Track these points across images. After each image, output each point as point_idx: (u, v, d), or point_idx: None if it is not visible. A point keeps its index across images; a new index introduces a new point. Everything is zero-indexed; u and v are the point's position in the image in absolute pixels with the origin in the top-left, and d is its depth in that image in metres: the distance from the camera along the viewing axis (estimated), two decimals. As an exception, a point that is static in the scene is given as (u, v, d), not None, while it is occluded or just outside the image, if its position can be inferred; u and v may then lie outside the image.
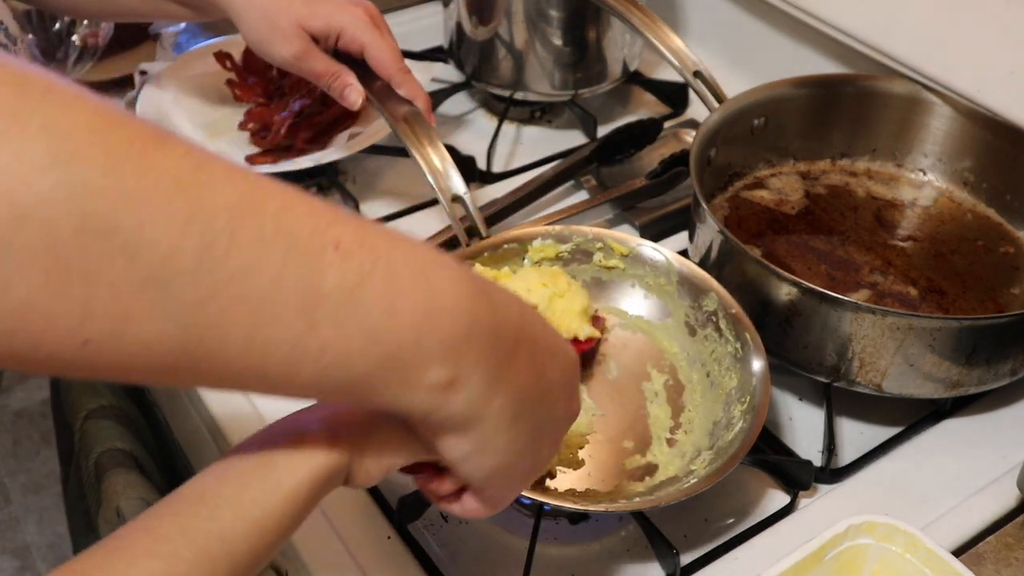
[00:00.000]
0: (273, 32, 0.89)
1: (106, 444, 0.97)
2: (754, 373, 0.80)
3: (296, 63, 0.91)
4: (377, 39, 0.91)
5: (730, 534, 0.78)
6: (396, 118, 0.91)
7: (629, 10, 1.07)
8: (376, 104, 0.93)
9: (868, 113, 1.04)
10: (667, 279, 0.88)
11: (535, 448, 0.54)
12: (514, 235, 0.90)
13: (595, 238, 0.90)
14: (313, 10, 0.90)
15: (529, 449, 0.54)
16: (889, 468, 0.83)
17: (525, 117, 1.24)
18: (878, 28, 1.03)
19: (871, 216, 1.00)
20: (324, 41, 0.92)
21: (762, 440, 0.84)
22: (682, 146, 1.14)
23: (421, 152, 0.90)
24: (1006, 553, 0.74)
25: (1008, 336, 0.80)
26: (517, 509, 0.79)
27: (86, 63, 1.15)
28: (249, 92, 1.12)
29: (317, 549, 0.75)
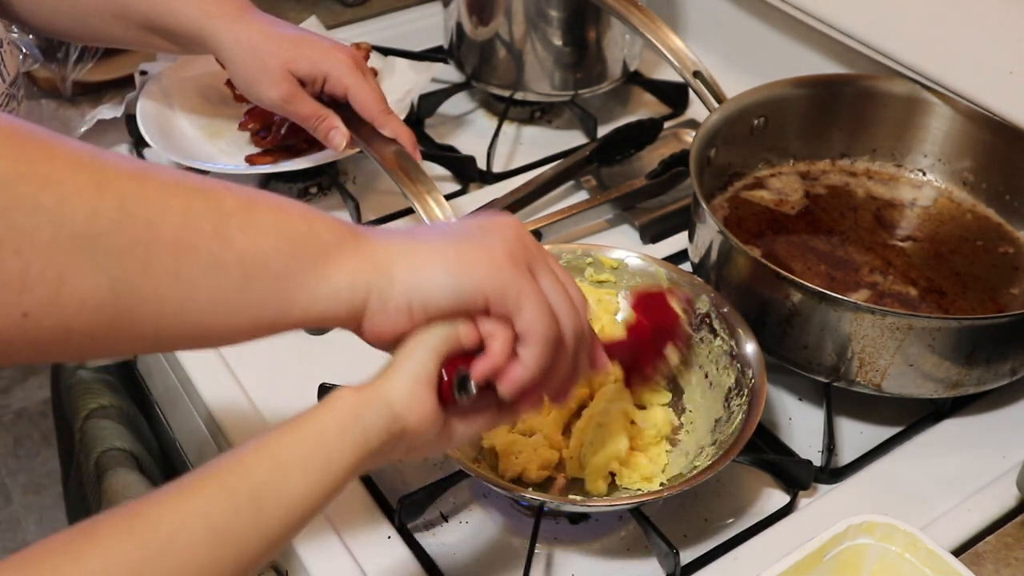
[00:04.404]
0: (261, 74, 0.92)
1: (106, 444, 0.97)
2: (749, 362, 0.80)
3: (283, 105, 0.94)
4: (361, 82, 0.94)
5: (730, 534, 0.78)
6: (384, 159, 0.94)
7: (629, 10, 1.07)
8: (362, 145, 0.95)
9: (868, 113, 1.04)
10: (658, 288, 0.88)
11: (476, 234, 0.59)
12: None
13: (584, 253, 0.90)
14: (300, 54, 0.92)
15: (470, 235, 0.59)
16: (889, 468, 0.83)
17: (525, 117, 1.24)
18: (878, 28, 1.03)
19: (871, 216, 1.00)
20: (311, 85, 0.94)
21: (762, 440, 0.84)
22: (682, 146, 1.14)
23: (411, 190, 0.91)
24: (1006, 553, 0.74)
25: (1008, 336, 0.80)
26: (517, 509, 0.79)
27: (86, 63, 1.15)
28: (249, 92, 1.12)
29: (317, 549, 0.75)
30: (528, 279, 0.59)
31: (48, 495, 1.96)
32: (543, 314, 0.58)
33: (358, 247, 0.57)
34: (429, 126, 1.20)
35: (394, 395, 0.56)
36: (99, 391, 1.04)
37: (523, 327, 0.58)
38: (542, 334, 0.58)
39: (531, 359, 0.59)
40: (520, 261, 0.59)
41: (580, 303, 0.63)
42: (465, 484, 0.80)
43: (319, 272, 0.55)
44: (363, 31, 1.33)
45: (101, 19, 0.92)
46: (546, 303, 0.59)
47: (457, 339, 0.58)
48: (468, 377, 0.59)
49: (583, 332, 0.63)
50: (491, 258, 0.58)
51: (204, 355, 0.89)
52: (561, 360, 0.61)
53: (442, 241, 0.59)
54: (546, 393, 0.63)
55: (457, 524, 0.79)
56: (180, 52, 0.99)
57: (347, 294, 0.56)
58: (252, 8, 0.94)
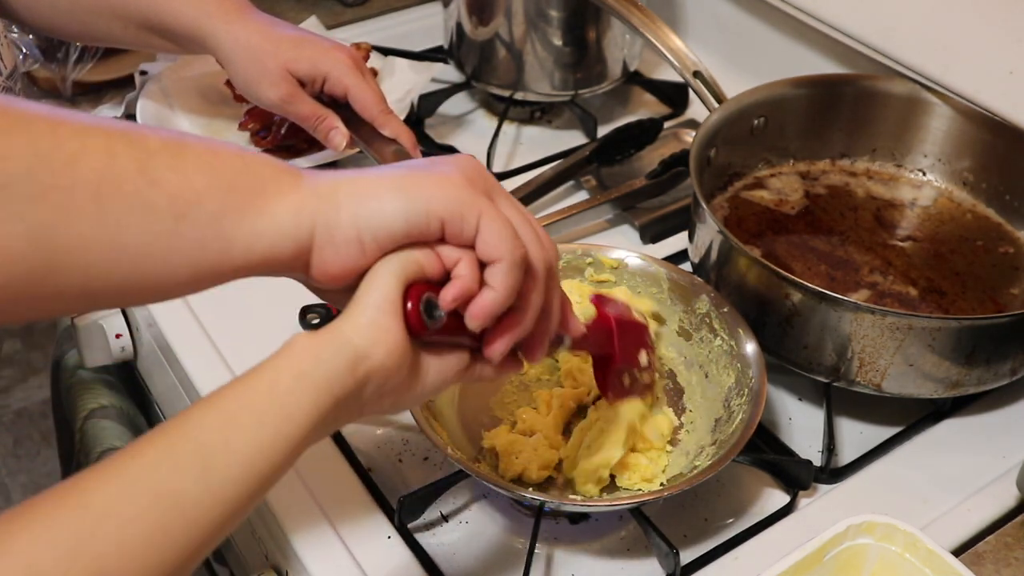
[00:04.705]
0: (261, 75, 0.92)
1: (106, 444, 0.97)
2: (749, 362, 0.80)
3: (283, 106, 0.94)
4: (360, 82, 0.94)
5: (730, 534, 0.78)
6: (384, 160, 0.93)
7: (629, 10, 1.07)
8: (362, 145, 0.95)
9: (868, 113, 1.04)
10: (658, 287, 0.88)
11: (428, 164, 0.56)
12: None
13: (584, 253, 0.90)
14: (299, 54, 0.92)
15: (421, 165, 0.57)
16: (889, 468, 0.83)
17: (525, 117, 1.24)
18: (878, 28, 1.03)
19: (871, 216, 1.00)
20: (310, 85, 0.94)
21: (762, 440, 0.84)
22: (682, 146, 1.14)
23: None
24: (1006, 553, 0.74)
25: (1008, 336, 0.80)
26: (517, 509, 0.79)
27: (86, 63, 1.16)
28: (249, 92, 1.12)
29: (317, 549, 0.75)
30: (487, 201, 0.55)
31: (48, 495, 1.96)
32: (507, 234, 0.54)
33: (299, 181, 0.54)
34: (429, 126, 1.20)
35: (356, 330, 0.52)
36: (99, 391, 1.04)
37: (486, 249, 0.54)
38: (508, 253, 0.54)
39: (499, 281, 0.54)
40: (477, 184, 0.56)
41: (548, 239, 0.59)
42: (465, 484, 0.80)
43: (258, 207, 0.52)
44: (363, 31, 1.33)
45: (99, 18, 0.92)
46: (509, 224, 0.55)
47: (419, 264, 0.54)
48: (435, 303, 0.54)
49: (552, 265, 0.59)
50: (444, 179, 0.54)
51: (204, 355, 0.89)
52: (531, 291, 0.57)
53: (389, 171, 0.56)
54: (520, 336, 0.58)
55: (457, 524, 0.79)
56: (179, 52, 0.99)
57: (291, 228, 0.52)
58: (251, 8, 0.94)
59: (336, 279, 0.55)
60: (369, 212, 0.53)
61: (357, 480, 0.80)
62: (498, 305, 0.55)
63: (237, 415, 0.48)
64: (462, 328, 0.56)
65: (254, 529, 0.82)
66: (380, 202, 0.53)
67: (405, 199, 0.53)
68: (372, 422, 0.85)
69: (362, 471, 0.81)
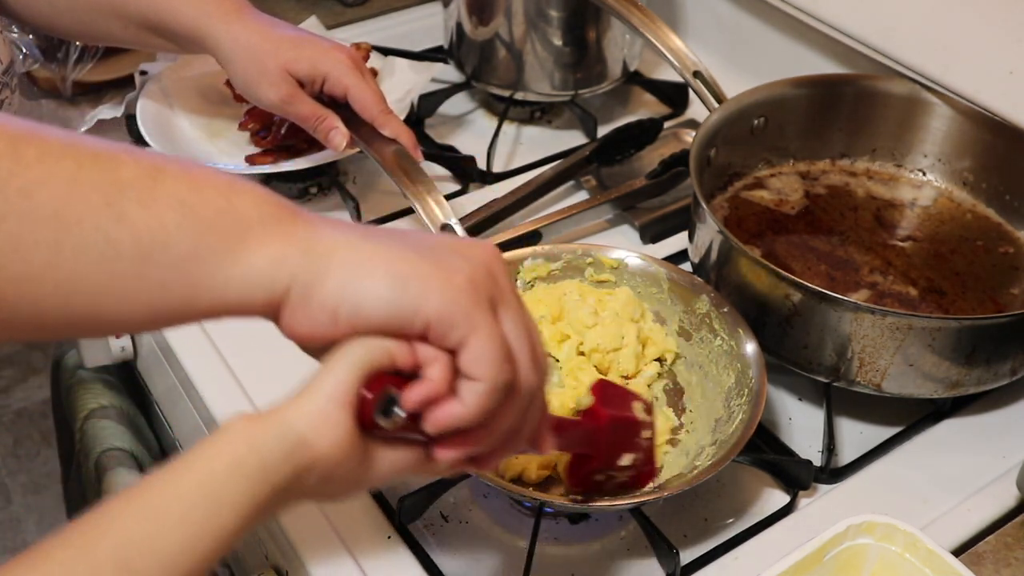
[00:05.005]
0: (261, 75, 0.91)
1: (106, 444, 0.97)
2: (749, 362, 0.80)
3: (283, 106, 0.93)
4: (360, 82, 0.94)
5: (730, 534, 0.78)
6: (384, 160, 0.93)
7: (629, 10, 1.07)
8: (362, 145, 0.95)
9: (868, 113, 1.04)
10: (658, 288, 0.88)
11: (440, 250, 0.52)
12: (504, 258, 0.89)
13: (584, 253, 0.90)
14: (299, 55, 0.92)
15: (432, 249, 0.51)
16: (889, 468, 0.83)
17: (525, 117, 1.24)
18: (878, 28, 1.03)
19: (871, 216, 1.00)
20: (310, 85, 0.94)
21: (762, 440, 0.84)
22: (682, 146, 1.14)
23: (411, 191, 0.91)
24: (1006, 553, 0.74)
25: (1008, 336, 0.80)
26: (517, 509, 0.79)
27: (86, 63, 1.15)
28: (249, 92, 1.12)
29: (317, 549, 0.75)
30: (485, 313, 0.50)
31: (48, 495, 1.96)
32: (497, 355, 0.50)
33: (291, 230, 0.49)
34: (429, 126, 1.20)
35: (300, 418, 0.47)
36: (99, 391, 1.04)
37: (468, 367, 0.50)
38: (491, 376, 0.50)
39: (473, 399, 0.50)
40: (482, 291, 0.51)
41: (544, 360, 0.55)
42: (465, 484, 0.80)
43: (234, 253, 0.48)
44: (363, 31, 1.33)
45: (99, 17, 0.92)
46: (503, 344, 0.51)
47: (389, 357, 0.50)
48: (396, 400, 0.50)
49: (539, 391, 0.55)
50: (446, 279, 0.50)
51: (204, 355, 0.89)
52: (505, 414, 0.52)
53: (396, 247, 0.51)
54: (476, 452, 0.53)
55: (457, 524, 0.79)
56: (179, 51, 0.99)
57: (267, 280, 0.48)
58: (251, 8, 0.94)
59: (301, 340, 0.51)
60: (356, 290, 0.49)
61: (357, 480, 0.80)
62: (463, 422, 0.51)
63: (162, 509, 0.44)
64: (417, 428, 0.52)
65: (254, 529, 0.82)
66: (372, 283, 0.49)
67: (398, 291, 0.49)
68: (372, 422, 0.85)
69: (362, 471, 0.81)
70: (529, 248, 0.91)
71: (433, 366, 0.50)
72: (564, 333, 0.86)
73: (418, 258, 0.50)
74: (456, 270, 0.50)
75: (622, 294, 0.88)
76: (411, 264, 0.50)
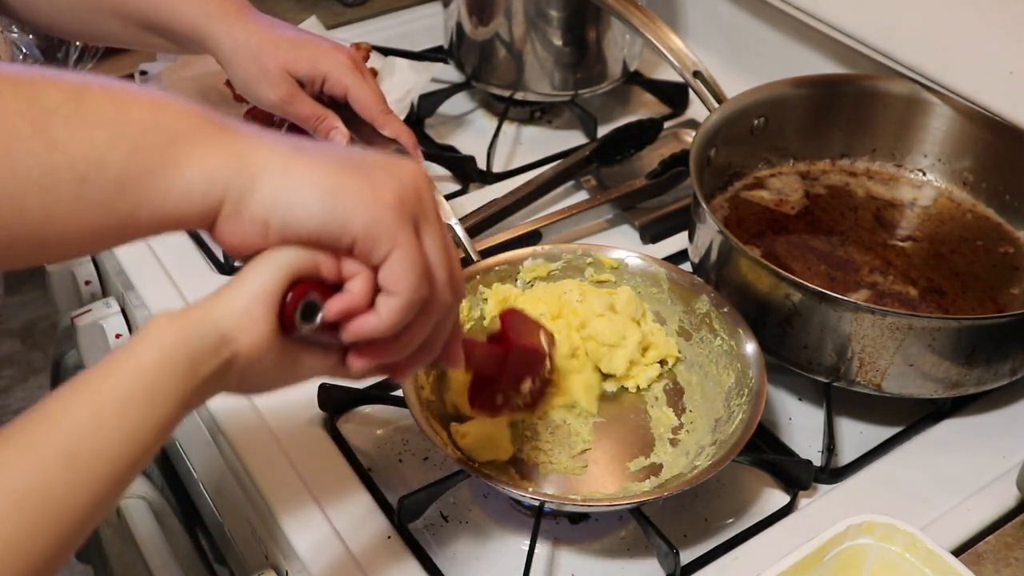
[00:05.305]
0: (261, 76, 0.92)
1: (106, 444, 0.97)
2: (749, 362, 0.80)
3: (282, 106, 0.93)
4: (360, 83, 0.94)
5: (730, 534, 0.78)
6: None
7: (629, 10, 1.07)
8: (362, 145, 0.95)
9: (868, 113, 1.04)
10: (658, 288, 0.88)
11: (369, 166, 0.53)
12: (505, 258, 0.90)
13: (584, 253, 0.90)
14: (299, 55, 0.92)
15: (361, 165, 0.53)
16: (889, 468, 0.83)
17: (525, 117, 1.24)
18: (878, 28, 1.03)
19: (871, 216, 1.00)
20: (310, 85, 0.94)
21: (762, 440, 0.84)
22: (682, 146, 1.14)
23: None
24: (1006, 553, 0.74)
25: (1008, 336, 0.80)
26: (517, 509, 0.79)
27: (86, 63, 1.15)
28: (249, 92, 1.12)
29: (317, 549, 0.75)
30: (408, 231, 0.53)
31: (48, 495, 1.96)
32: (414, 271, 0.53)
33: (221, 142, 0.50)
34: (429, 126, 1.20)
35: (224, 314, 0.50)
36: (99, 391, 1.04)
37: (387, 281, 0.53)
38: (407, 291, 0.53)
39: (387, 312, 0.53)
40: (407, 209, 0.53)
41: (460, 280, 0.58)
42: (465, 484, 0.80)
43: (167, 169, 0.49)
44: (363, 31, 1.33)
45: (99, 17, 0.92)
46: (422, 261, 0.53)
47: (315, 264, 0.52)
48: (317, 307, 0.53)
49: (451, 309, 0.58)
50: (374, 195, 0.51)
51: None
52: (418, 328, 0.56)
53: (326, 161, 0.52)
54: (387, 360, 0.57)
55: (457, 524, 0.79)
56: (179, 51, 0.99)
57: (200, 194, 0.50)
58: (251, 9, 0.94)
59: (233, 250, 0.53)
60: (285, 202, 0.51)
61: (357, 480, 0.80)
62: (378, 333, 0.54)
63: (100, 406, 0.46)
64: (335, 334, 0.55)
65: (254, 529, 0.82)
66: (301, 198, 0.51)
67: (326, 206, 0.51)
68: (372, 422, 0.85)
69: (362, 471, 0.81)
70: (529, 248, 0.91)
71: (356, 280, 0.53)
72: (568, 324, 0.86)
73: (347, 174, 0.52)
74: (384, 187, 0.52)
75: (623, 294, 0.88)
76: (340, 179, 0.51)
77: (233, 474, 0.85)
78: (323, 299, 0.53)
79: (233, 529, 0.90)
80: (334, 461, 0.81)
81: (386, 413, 0.86)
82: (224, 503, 0.91)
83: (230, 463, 0.85)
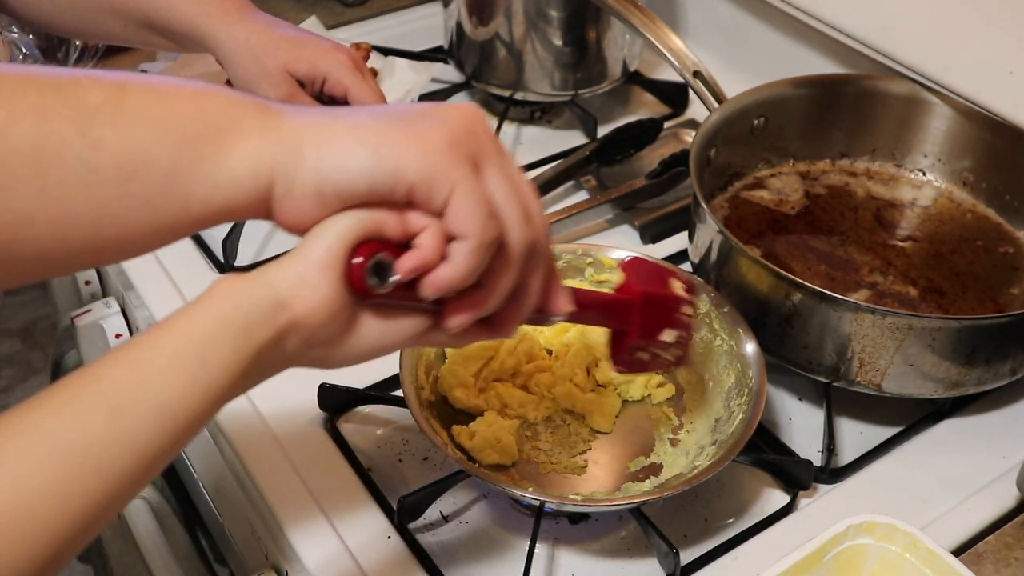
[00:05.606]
0: (261, 75, 0.91)
1: (106, 444, 0.97)
2: (749, 362, 0.80)
3: None
4: (360, 83, 0.94)
5: (730, 534, 0.78)
6: None
7: (629, 10, 1.07)
8: None
9: (868, 113, 1.04)
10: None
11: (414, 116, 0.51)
12: None
13: (584, 253, 0.90)
14: (299, 55, 0.92)
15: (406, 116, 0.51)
16: (889, 468, 0.83)
17: (525, 117, 1.24)
18: (878, 28, 1.03)
19: (871, 216, 1.00)
20: (310, 85, 0.94)
21: (762, 440, 0.84)
22: (682, 146, 1.14)
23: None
24: (1006, 553, 0.74)
25: (1008, 336, 0.80)
26: (517, 509, 0.79)
27: (86, 63, 1.15)
28: (249, 92, 1.12)
29: (317, 549, 0.75)
30: (467, 171, 0.50)
31: (48, 495, 1.96)
32: (479, 211, 0.50)
33: (263, 124, 0.50)
34: (429, 126, 1.20)
35: (282, 279, 0.49)
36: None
37: (453, 225, 0.50)
38: (476, 231, 0.50)
39: (459, 259, 0.51)
40: (461, 150, 0.50)
41: (539, 216, 0.55)
42: (465, 484, 0.80)
43: (213, 158, 0.48)
44: (363, 31, 1.33)
45: (99, 15, 0.92)
46: (485, 201, 0.51)
47: (377, 225, 0.50)
48: (388, 265, 0.51)
49: (536, 248, 0.55)
50: (423, 141, 0.50)
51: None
52: (503, 272, 0.53)
53: (367, 118, 0.51)
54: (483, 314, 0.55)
55: (457, 524, 0.79)
56: (179, 50, 0.99)
57: (249, 179, 0.49)
58: (251, 8, 0.94)
59: (296, 229, 0.51)
60: (332, 166, 0.49)
61: (357, 480, 0.80)
62: (454, 283, 0.51)
63: (150, 360, 0.45)
64: (415, 295, 0.52)
65: (254, 529, 0.82)
66: (345, 157, 0.49)
67: (373, 158, 0.49)
68: (372, 422, 0.85)
69: (362, 471, 0.81)
70: None
71: (424, 234, 0.51)
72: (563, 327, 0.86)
73: (391, 126, 0.50)
74: (431, 130, 0.50)
75: None
76: (381, 132, 0.50)
77: (233, 474, 0.85)
78: (395, 259, 0.51)
79: (233, 529, 0.90)
80: (334, 461, 0.81)
81: (386, 413, 0.86)
82: (224, 503, 0.91)
83: (230, 463, 0.85)
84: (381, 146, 0.49)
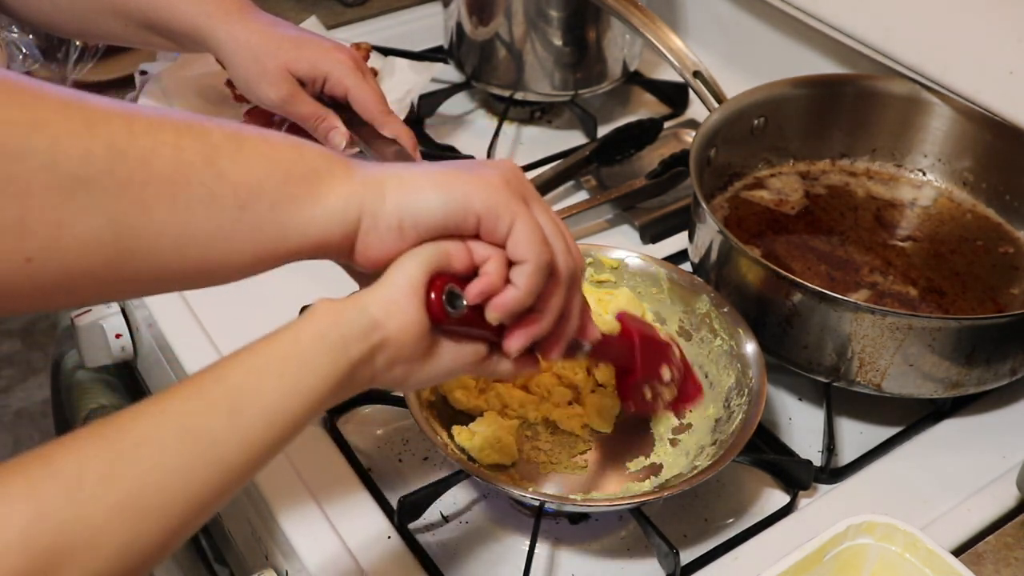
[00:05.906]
0: (262, 75, 0.92)
1: (106, 444, 0.97)
2: (749, 362, 0.80)
3: (283, 106, 0.94)
4: (360, 83, 0.94)
5: (730, 534, 0.78)
6: (384, 159, 0.93)
7: (629, 10, 1.07)
8: (363, 146, 0.95)
9: (868, 113, 1.04)
10: (658, 288, 0.89)
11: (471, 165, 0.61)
12: None
13: (584, 253, 0.90)
14: (300, 55, 0.93)
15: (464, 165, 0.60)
16: (889, 468, 0.83)
17: (525, 117, 1.24)
18: (878, 28, 1.03)
19: (871, 216, 1.00)
20: (311, 85, 0.94)
21: (762, 440, 0.84)
22: (682, 146, 1.14)
23: None
24: (1006, 553, 0.74)
25: (1008, 336, 0.80)
26: (517, 509, 0.79)
27: (86, 63, 1.15)
28: (249, 92, 1.11)
29: (317, 549, 0.75)
30: (521, 204, 0.59)
31: (48, 495, 1.96)
32: (537, 238, 0.58)
33: (350, 171, 0.58)
34: (429, 126, 1.20)
35: (375, 302, 0.56)
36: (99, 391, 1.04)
37: (515, 249, 0.58)
38: (535, 256, 0.58)
39: (522, 281, 0.58)
40: (514, 188, 0.59)
41: (576, 248, 0.63)
42: (465, 484, 0.80)
43: (312, 196, 0.56)
44: (363, 31, 1.33)
45: (100, 16, 0.92)
46: (539, 229, 0.59)
47: (448, 256, 0.58)
48: (457, 294, 0.58)
49: (576, 271, 0.63)
50: (485, 180, 0.58)
51: (204, 355, 0.89)
52: (553, 293, 0.61)
53: (434, 168, 0.60)
54: (537, 335, 0.61)
55: (457, 524, 0.79)
56: (180, 50, 0.99)
57: (341, 215, 0.57)
58: (252, 8, 0.94)
59: (376, 263, 0.58)
60: (411, 202, 0.57)
61: (357, 480, 0.80)
62: (519, 303, 0.59)
63: (264, 364, 0.51)
64: (482, 321, 0.59)
65: (254, 529, 0.82)
66: (423, 194, 0.57)
67: (446, 193, 0.57)
68: (372, 422, 0.85)
69: (362, 471, 0.81)
70: None
71: (489, 263, 0.58)
72: None
73: (456, 170, 0.59)
74: (490, 174, 0.59)
75: (622, 294, 0.88)
76: (451, 175, 0.58)
77: (233, 474, 0.85)
78: (462, 289, 0.58)
79: (233, 529, 0.90)
80: (334, 461, 0.81)
81: (386, 413, 0.86)
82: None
83: (230, 463, 0.85)
84: (451, 185, 0.58)
